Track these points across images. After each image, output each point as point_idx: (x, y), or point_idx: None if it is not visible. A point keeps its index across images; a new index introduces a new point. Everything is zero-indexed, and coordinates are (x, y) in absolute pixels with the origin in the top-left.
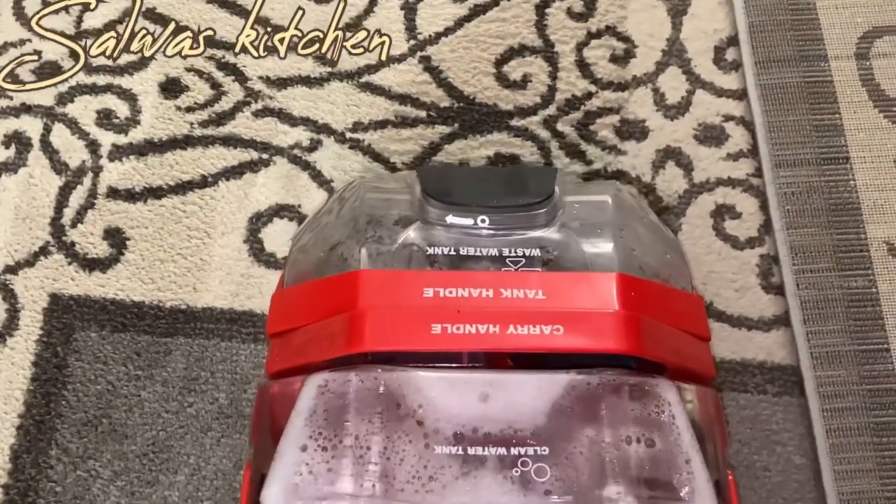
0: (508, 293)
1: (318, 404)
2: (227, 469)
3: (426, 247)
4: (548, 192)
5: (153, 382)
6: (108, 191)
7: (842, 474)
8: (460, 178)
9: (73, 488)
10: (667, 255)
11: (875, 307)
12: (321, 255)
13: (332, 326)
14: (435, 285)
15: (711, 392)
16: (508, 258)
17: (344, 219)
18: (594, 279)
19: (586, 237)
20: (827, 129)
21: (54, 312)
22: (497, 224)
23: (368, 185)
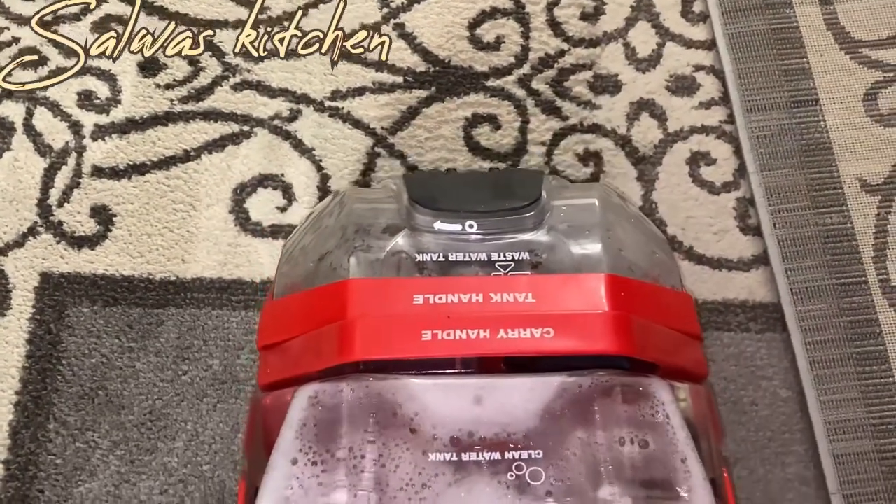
0: (498, 297)
1: (308, 416)
2: (224, 433)
3: (415, 254)
4: (535, 196)
5: (147, 353)
6: (92, 170)
7: (827, 404)
8: (447, 184)
9: (73, 460)
10: (655, 254)
11: (851, 242)
12: (310, 266)
13: (323, 337)
14: (424, 292)
15: (704, 389)
16: (497, 262)
17: (332, 229)
18: (583, 281)
19: (574, 239)
20: (795, 73)
21: (45, 290)
22: (485, 229)
23: (355, 194)
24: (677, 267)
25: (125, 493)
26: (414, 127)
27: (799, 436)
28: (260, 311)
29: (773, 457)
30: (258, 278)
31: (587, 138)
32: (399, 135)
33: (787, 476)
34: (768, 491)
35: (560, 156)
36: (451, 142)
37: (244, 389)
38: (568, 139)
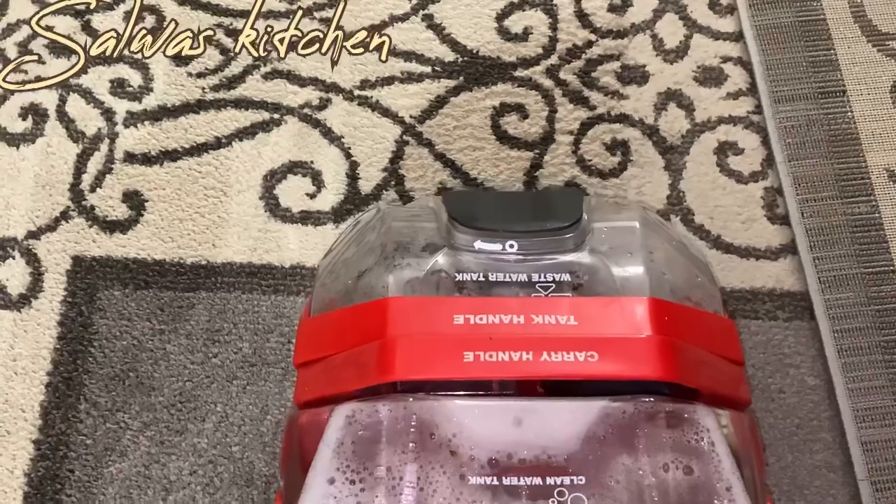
0: (540, 319)
1: (346, 435)
2: (254, 415)
3: (454, 273)
4: (576, 217)
5: (177, 335)
6: (124, 156)
7: (855, 391)
8: (487, 203)
9: (103, 440)
10: (697, 277)
11: (879, 231)
12: (348, 283)
13: (362, 355)
14: (465, 312)
15: (747, 416)
16: (538, 283)
17: (371, 246)
18: (626, 304)
19: (616, 261)
20: (822, 64)
21: (77, 274)
22: (525, 249)
23: (394, 212)
24: (719, 292)
25: (155, 474)
26: (442, 116)
27: (827, 423)
28: (286, 294)
29: (800, 444)
30: (287, 263)
31: (615, 128)
32: (427, 123)
33: (814, 463)
34: (796, 478)
35: (587, 145)
36: (479, 130)
37: (273, 372)
38: (595, 129)
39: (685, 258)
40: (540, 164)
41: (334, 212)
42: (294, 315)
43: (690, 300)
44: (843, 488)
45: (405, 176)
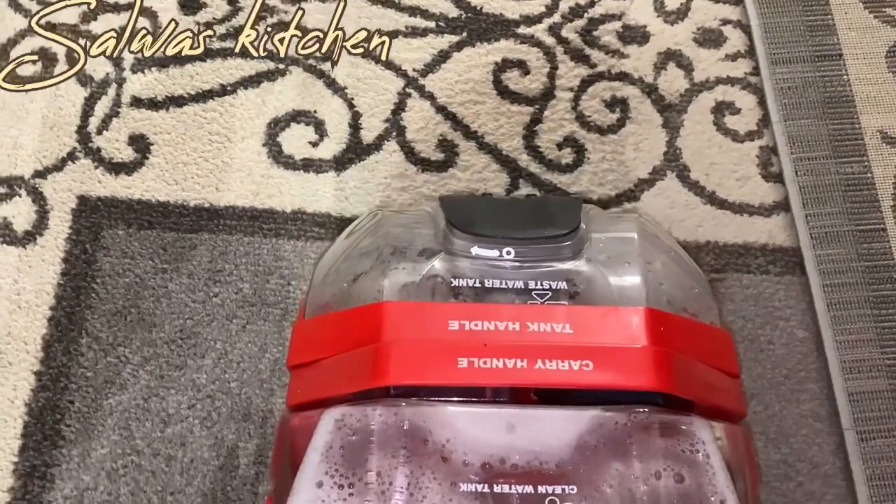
0: (535, 327)
1: (334, 439)
2: (252, 353)
3: (451, 278)
4: (574, 225)
5: (179, 275)
6: (131, 100)
7: (843, 344)
8: (484, 209)
9: (103, 373)
10: (694, 289)
11: (871, 190)
12: (344, 286)
13: (356, 359)
14: (460, 318)
15: (742, 430)
16: (534, 291)
17: (367, 249)
18: (622, 313)
19: (613, 270)
20: (819, 28)
21: (83, 212)
22: (523, 256)
23: (391, 216)
24: (716, 303)
25: (154, 406)
26: (444, 70)
27: (814, 374)
28: (286, 238)
29: (788, 393)
30: (289, 208)
31: (614, 85)
32: (429, 77)
33: (801, 412)
34: (783, 426)
35: (587, 101)
36: (481, 85)
37: (272, 312)
38: (595, 86)
39: (682, 269)
40: (540, 119)
41: (336, 160)
42: (294, 258)
43: (687, 311)
44: (829, 437)
45: (406, 127)
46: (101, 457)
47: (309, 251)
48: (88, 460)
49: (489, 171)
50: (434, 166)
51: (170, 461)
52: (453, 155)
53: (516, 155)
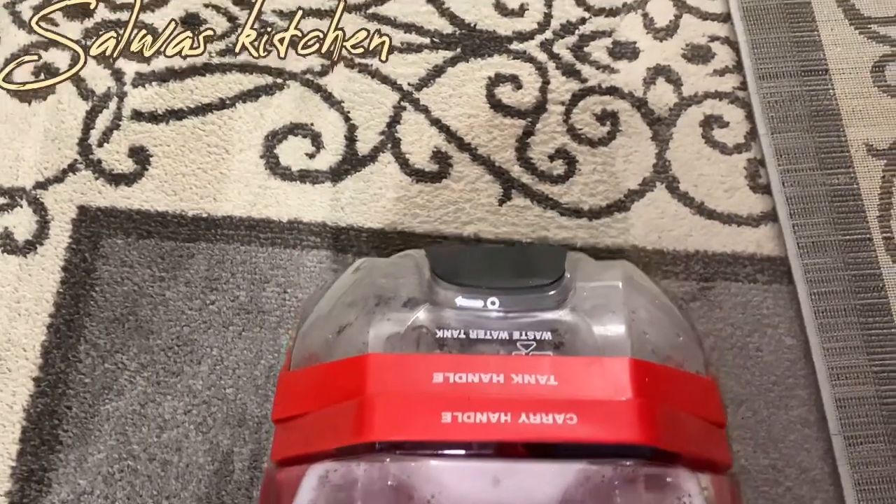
0: (520, 379)
1: (319, 496)
2: (248, 359)
3: (435, 329)
4: (558, 274)
5: (177, 283)
6: (132, 113)
7: (831, 351)
8: (469, 258)
9: (101, 379)
10: (679, 336)
11: (857, 201)
12: (328, 338)
13: (339, 414)
14: (445, 370)
15: (728, 481)
16: (519, 341)
17: (352, 300)
18: (607, 364)
19: (598, 320)
20: (806, 44)
21: (83, 222)
22: (507, 306)
23: (376, 265)
24: (701, 351)
25: (150, 412)
26: (439, 84)
27: (802, 381)
28: (283, 247)
29: (776, 399)
30: (285, 218)
31: (605, 100)
32: (424, 91)
33: (790, 418)
34: (771, 431)
35: (578, 115)
36: (474, 99)
37: (268, 320)
38: (586, 100)
39: (668, 317)
40: (532, 131)
41: (332, 171)
42: (290, 267)
43: (672, 360)
44: (817, 442)
45: (401, 139)
46: (98, 461)
47: (305, 260)
48: (85, 465)
49: (482, 182)
50: (428, 177)
51: (165, 466)
52: (447, 166)
53: (509, 166)
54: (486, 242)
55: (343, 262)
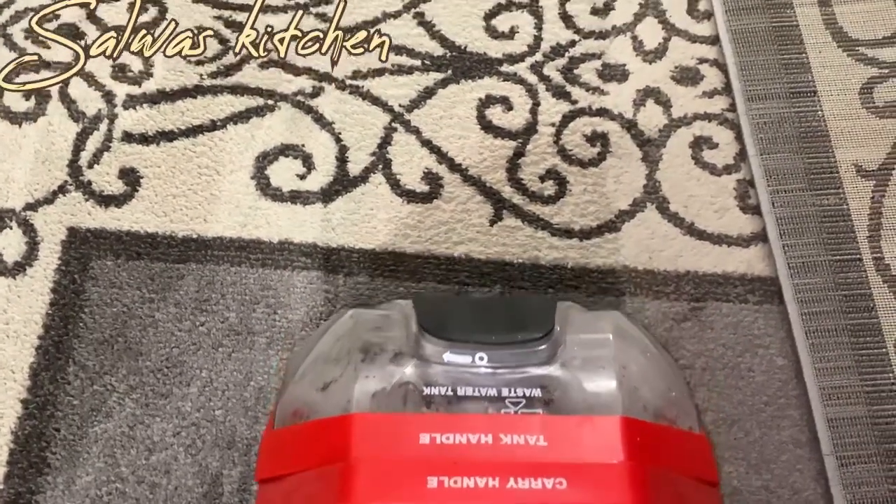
0: (508, 439)
1: None
2: (237, 381)
3: (422, 386)
4: (548, 328)
5: (166, 304)
6: (122, 135)
7: (822, 371)
8: (457, 311)
9: (90, 401)
10: (671, 392)
11: (847, 221)
12: (313, 395)
13: (323, 478)
14: (431, 430)
15: None
16: (508, 399)
17: (337, 355)
18: (598, 424)
19: (588, 376)
20: (794, 66)
21: (72, 244)
22: (496, 362)
23: (362, 318)
24: (694, 407)
25: (139, 434)
26: (430, 106)
27: (794, 401)
28: (273, 268)
29: (768, 420)
30: (276, 239)
31: (595, 121)
32: (415, 112)
33: (782, 439)
34: (763, 452)
35: (568, 136)
36: (465, 120)
37: (258, 341)
38: (576, 121)
39: (659, 371)
40: (523, 152)
41: (323, 192)
42: (280, 287)
43: (665, 418)
44: (810, 463)
45: (392, 160)
46: (86, 484)
47: (295, 281)
48: (73, 487)
49: (473, 203)
50: (419, 198)
51: (154, 489)
52: (438, 187)
53: (500, 187)
54: (476, 275)
55: (334, 282)
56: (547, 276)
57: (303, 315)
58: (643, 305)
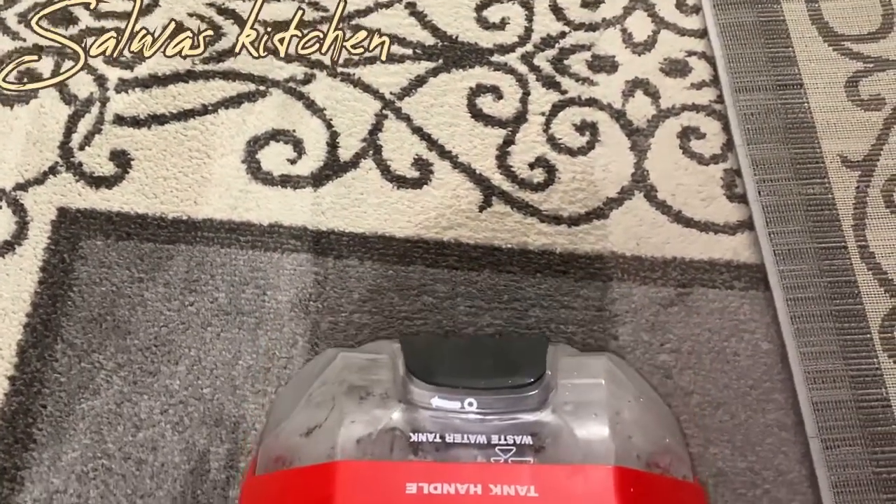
0: (498, 490)
1: None
2: (226, 360)
3: (410, 432)
4: (539, 372)
5: (156, 284)
6: (114, 118)
7: (807, 355)
8: (446, 353)
9: (77, 378)
10: (665, 439)
11: (832, 210)
12: (297, 440)
13: None
14: (419, 480)
15: None
16: (498, 446)
17: (322, 399)
18: (590, 474)
19: (580, 423)
20: (781, 60)
21: (62, 224)
22: (486, 407)
23: (348, 360)
24: (688, 454)
25: (126, 411)
26: (421, 94)
27: (779, 385)
28: (263, 250)
29: (753, 403)
30: (266, 221)
31: (584, 111)
32: (406, 100)
33: (767, 421)
34: (749, 435)
35: (558, 125)
36: (456, 108)
37: (247, 321)
38: (566, 111)
39: (653, 417)
40: (512, 140)
41: (313, 177)
42: (270, 269)
43: (658, 466)
44: (794, 445)
45: (383, 146)
46: (72, 460)
47: (285, 263)
48: (59, 463)
49: (463, 189)
50: (409, 183)
51: (140, 465)
52: (428, 173)
53: (489, 174)
54: (465, 260)
55: (323, 265)
56: (535, 262)
57: (292, 296)
58: (630, 291)
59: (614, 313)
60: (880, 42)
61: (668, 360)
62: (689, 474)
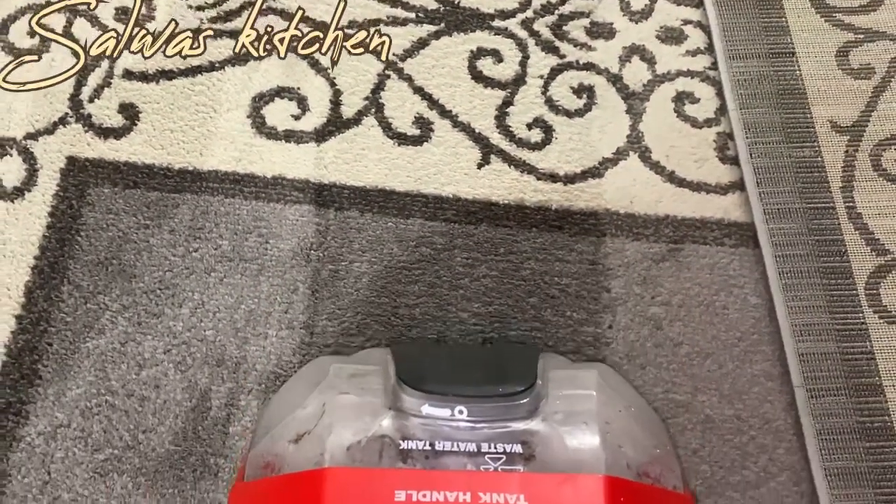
0: (487, 498)
1: None
2: (228, 304)
3: (399, 440)
4: (530, 381)
5: (161, 230)
6: (123, 73)
7: (795, 309)
8: (437, 360)
9: (83, 318)
10: (656, 449)
11: (821, 173)
12: (285, 446)
13: None
14: (408, 487)
15: None
16: (488, 455)
17: (312, 405)
18: (580, 483)
19: (571, 432)
20: (774, 29)
21: (71, 172)
22: (476, 415)
23: (338, 367)
24: (679, 464)
25: (130, 350)
26: (423, 56)
27: (767, 337)
28: (266, 201)
29: (741, 354)
30: (269, 174)
31: (582, 75)
32: (408, 62)
33: (754, 372)
34: (736, 384)
35: (556, 88)
36: (456, 70)
37: (249, 268)
38: (564, 74)
39: (644, 427)
40: (511, 101)
41: (316, 132)
42: (273, 219)
43: (649, 476)
44: (780, 395)
45: (385, 105)
46: (76, 396)
47: (287, 213)
48: (63, 399)
49: (462, 147)
50: (410, 141)
51: (143, 402)
52: (429, 131)
53: (488, 133)
54: (462, 213)
55: (325, 216)
56: (531, 217)
57: (293, 245)
58: (623, 246)
59: (607, 267)
60: (871, 14)
61: (658, 312)
62: (680, 485)
